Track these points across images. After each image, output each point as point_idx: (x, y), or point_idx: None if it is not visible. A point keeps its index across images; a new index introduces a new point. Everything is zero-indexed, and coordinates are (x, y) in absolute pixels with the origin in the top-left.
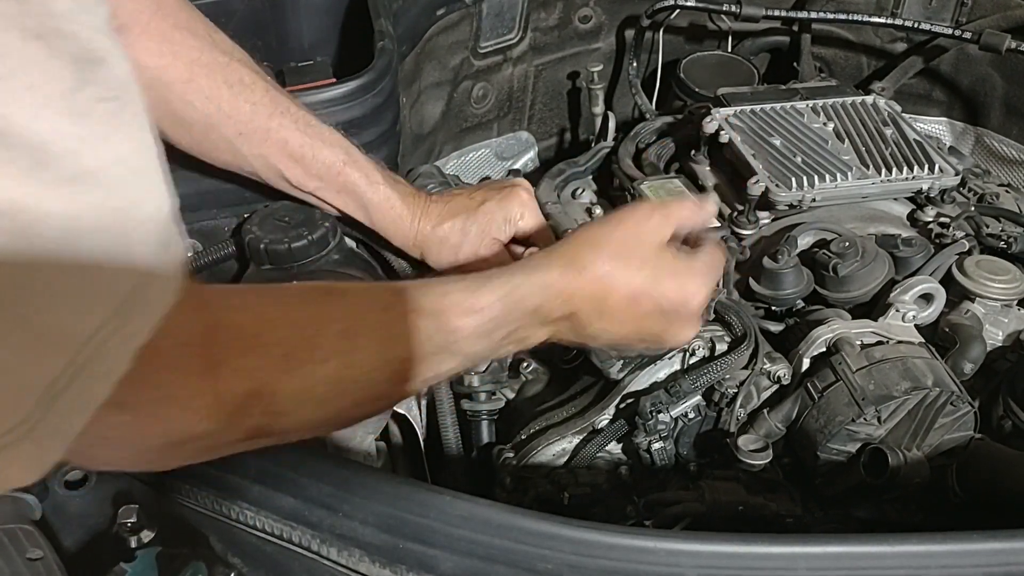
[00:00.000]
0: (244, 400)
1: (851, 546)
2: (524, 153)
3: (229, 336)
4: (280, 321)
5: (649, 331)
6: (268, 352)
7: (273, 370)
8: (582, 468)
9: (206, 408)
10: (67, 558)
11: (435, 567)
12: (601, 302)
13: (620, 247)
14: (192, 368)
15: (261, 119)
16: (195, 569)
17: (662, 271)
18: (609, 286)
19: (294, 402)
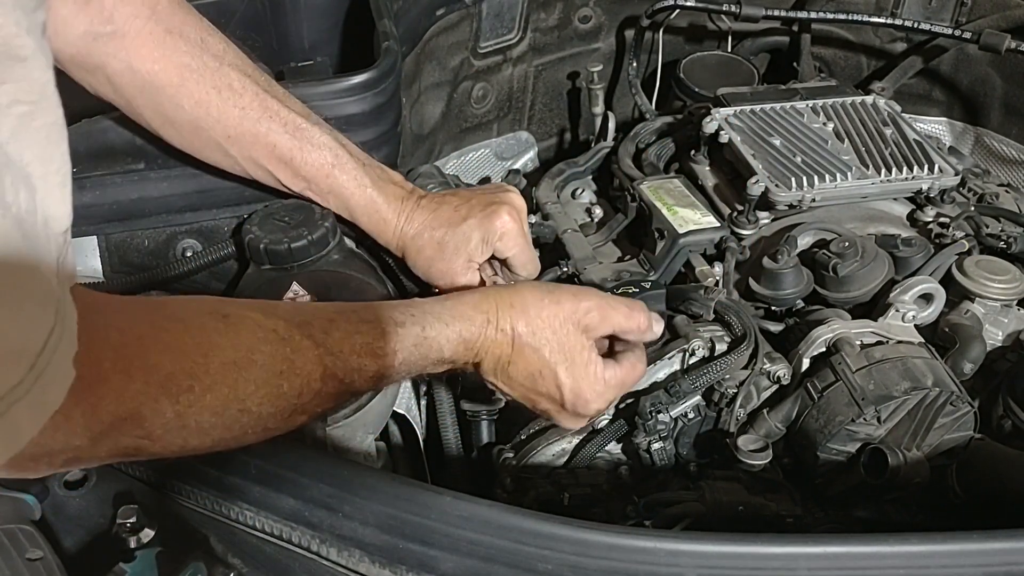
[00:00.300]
0: (118, 422)
1: (851, 546)
2: (524, 153)
3: (112, 354)
4: (167, 344)
5: (538, 404)
6: (149, 376)
7: (152, 395)
8: (582, 468)
9: (80, 425)
10: (67, 558)
11: (435, 567)
12: (505, 363)
13: (547, 325)
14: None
15: (249, 124)
16: (195, 569)
17: (573, 367)
18: (518, 354)
19: (170, 429)
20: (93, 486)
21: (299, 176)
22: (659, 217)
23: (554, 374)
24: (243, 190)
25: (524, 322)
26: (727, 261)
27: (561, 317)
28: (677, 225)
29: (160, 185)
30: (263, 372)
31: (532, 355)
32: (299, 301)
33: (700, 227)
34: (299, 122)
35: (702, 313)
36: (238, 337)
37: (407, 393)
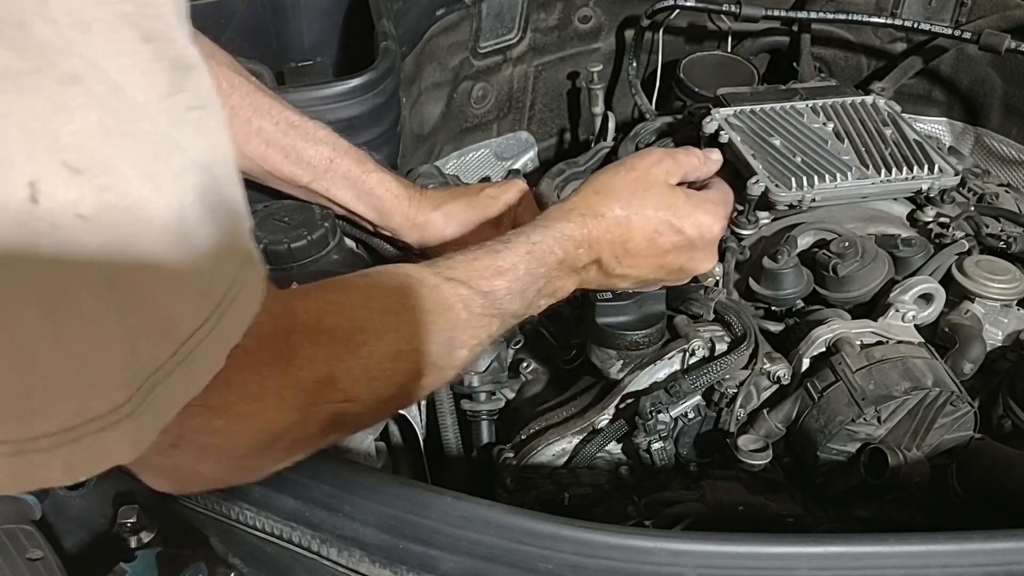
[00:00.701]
0: (320, 387)
1: (851, 546)
2: (524, 153)
3: (296, 327)
4: (333, 307)
5: (672, 265)
6: (331, 338)
7: (339, 354)
8: (582, 468)
9: (289, 400)
10: (67, 558)
11: (436, 567)
12: (623, 245)
13: (633, 191)
14: (272, 363)
15: (239, 124)
16: (195, 569)
17: (677, 207)
18: (628, 228)
19: (362, 383)
20: (93, 486)
21: (296, 173)
22: None
23: (668, 223)
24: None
25: (614, 199)
26: (727, 261)
27: (641, 178)
28: None
29: None
30: (416, 313)
31: (640, 221)
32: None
33: None
34: (293, 119)
35: (702, 313)
36: (385, 289)
37: None
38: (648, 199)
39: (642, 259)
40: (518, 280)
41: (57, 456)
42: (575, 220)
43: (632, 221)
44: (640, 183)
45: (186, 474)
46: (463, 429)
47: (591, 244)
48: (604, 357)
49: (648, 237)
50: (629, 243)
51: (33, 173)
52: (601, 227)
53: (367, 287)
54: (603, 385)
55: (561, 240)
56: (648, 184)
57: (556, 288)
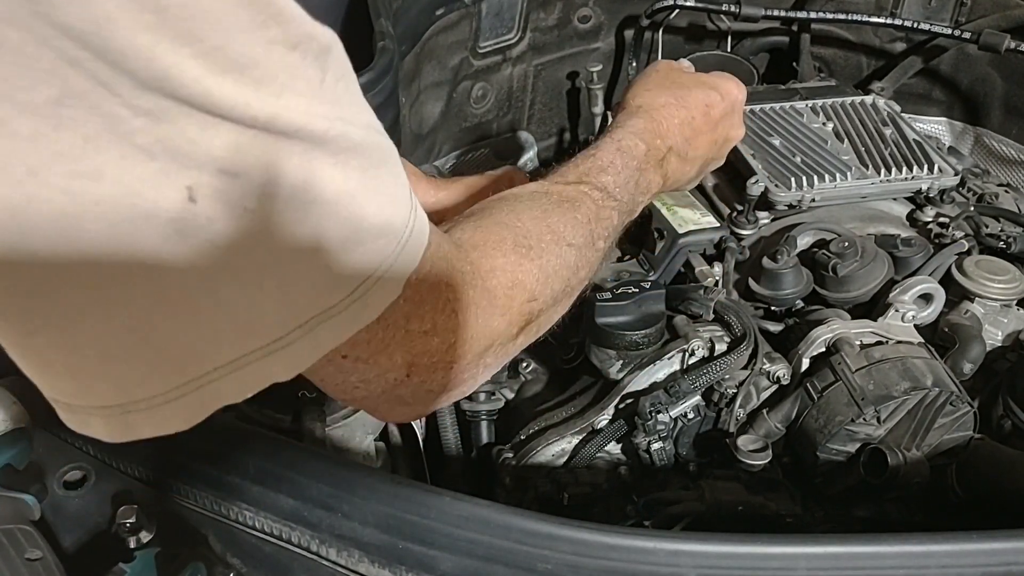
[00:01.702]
0: (510, 291)
1: (851, 546)
2: (523, 153)
3: (469, 246)
4: (490, 226)
5: (721, 136)
6: (502, 249)
7: (517, 261)
8: (582, 468)
9: (487, 307)
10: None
11: (435, 567)
12: (689, 125)
13: (668, 82)
14: (464, 281)
15: None
16: (194, 569)
17: (709, 82)
18: (687, 109)
19: (541, 282)
20: (92, 486)
21: None
22: (658, 217)
23: (712, 95)
24: None
25: (662, 92)
26: (727, 261)
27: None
28: (676, 225)
29: None
30: (556, 216)
31: (693, 100)
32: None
33: (700, 227)
34: None
35: (702, 313)
36: (520, 202)
37: None
38: (685, 83)
39: (703, 136)
40: (619, 174)
41: (229, 381)
42: (642, 116)
43: (687, 101)
44: (671, 76)
45: (421, 396)
46: (462, 429)
47: (664, 133)
48: (603, 357)
49: (703, 112)
50: (694, 122)
51: (189, 179)
52: (665, 115)
53: (508, 204)
54: (602, 385)
55: (640, 134)
56: (677, 74)
57: (648, 182)
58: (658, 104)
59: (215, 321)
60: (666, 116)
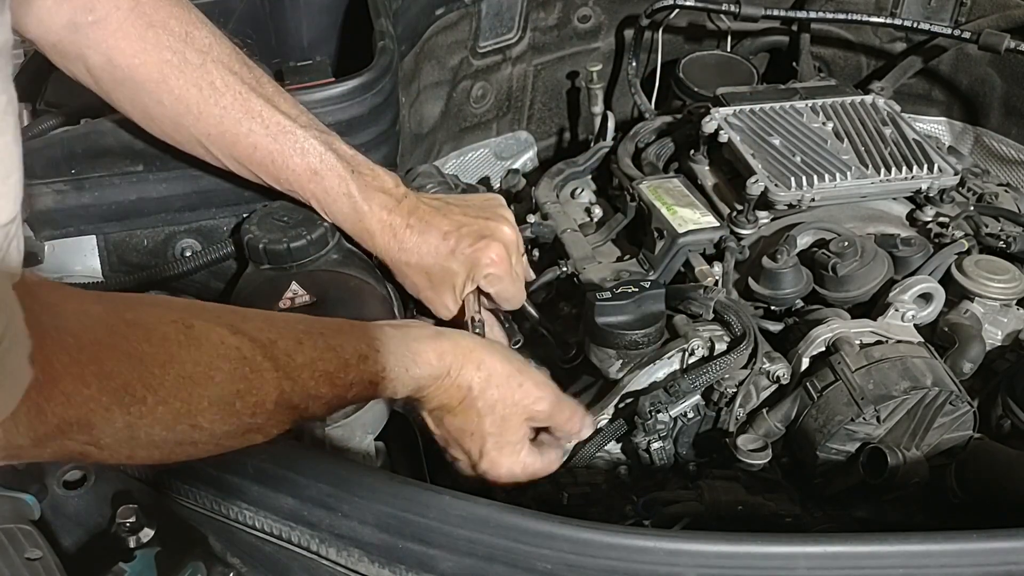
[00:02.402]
0: (66, 426)
1: (850, 546)
2: (523, 153)
3: (66, 357)
4: (125, 352)
5: (453, 455)
6: (103, 382)
7: (104, 403)
8: (581, 468)
9: (25, 425)
10: (66, 558)
11: (434, 567)
12: (445, 413)
13: (500, 400)
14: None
15: (229, 124)
16: (194, 569)
17: (503, 445)
18: (462, 412)
19: (118, 439)
20: (92, 486)
21: (280, 180)
22: (658, 217)
23: (483, 442)
24: (242, 190)
25: (481, 387)
26: (726, 261)
27: (515, 400)
28: (676, 225)
29: (159, 186)
30: (219, 390)
31: (474, 418)
32: (275, 311)
33: (699, 227)
34: (284, 124)
35: (701, 313)
36: (199, 351)
37: None
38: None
39: (444, 430)
40: (342, 398)
41: None
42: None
43: (469, 411)
44: (510, 401)
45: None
46: None
47: (430, 394)
48: (603, 356)
49: (463, 429)
50: (449, 416)
51: None
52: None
53: (177, 347)
54: (602, 384)
55: (409, 387)
56: (514, 408)
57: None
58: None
59: None
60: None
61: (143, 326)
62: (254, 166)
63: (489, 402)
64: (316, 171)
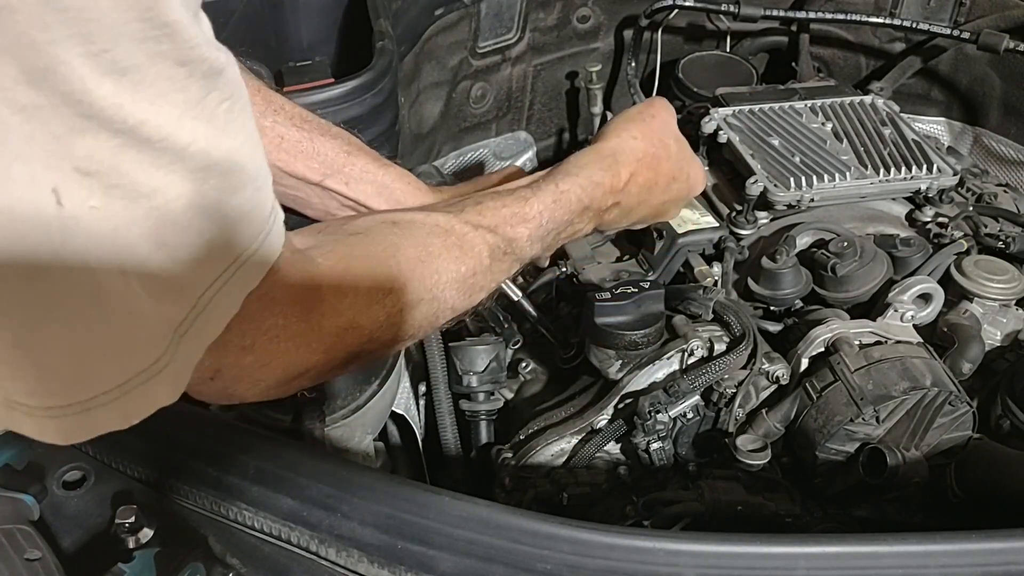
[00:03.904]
0: (343, 332)
1: (850, 546)
2: (523, 153)
3: (322, 279)
4: (361, 258)
5: (666, 209)
6: (356, 289)
7: (364, 304)
8: (581, 468)
9: (313, 344)
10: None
11: (434, 567)
12: (648, 190)
13: (656, 138)
14: (298, 312)
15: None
16: (193, 570)
17: (688, 159)
18: (656, 174)
19: (384, 327)
20: (92, 486)
21: (314, 168)
22: None
23: (684, 172)
24: None
25: (645, 145)
26: (726, 261)
27: (663, 126)
28: (676, 225)
29: None
30: (441, 261)
31: (666, 168)
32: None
33: (699, 227)
34: (305, 114)
35: (701, 313)
36: (412, 236)
37: (406, 393)
38: (671, 149)
39: (654, 201)
40: (541, 227)
41: (114, 408)
42: (608, 168)
43: (660, 167)
44: (664, 131)
45: (223, 396)
46: (462, 429)
47: (620, 190)
48: (603, 357)
49: (666, 184)
50: (654, 187)
51: (53, 181)
52: (633, 172)
53: (396, 236)
54: (602, 385)
55: (589, 188)
56: (669, 133)
57: (576, 231)
58: (632, 158)
59: (98, 340)
60: (633, 173)
61: (364, 232)
62: (283, 157)
63: (663, 152)
64: (349, 151)
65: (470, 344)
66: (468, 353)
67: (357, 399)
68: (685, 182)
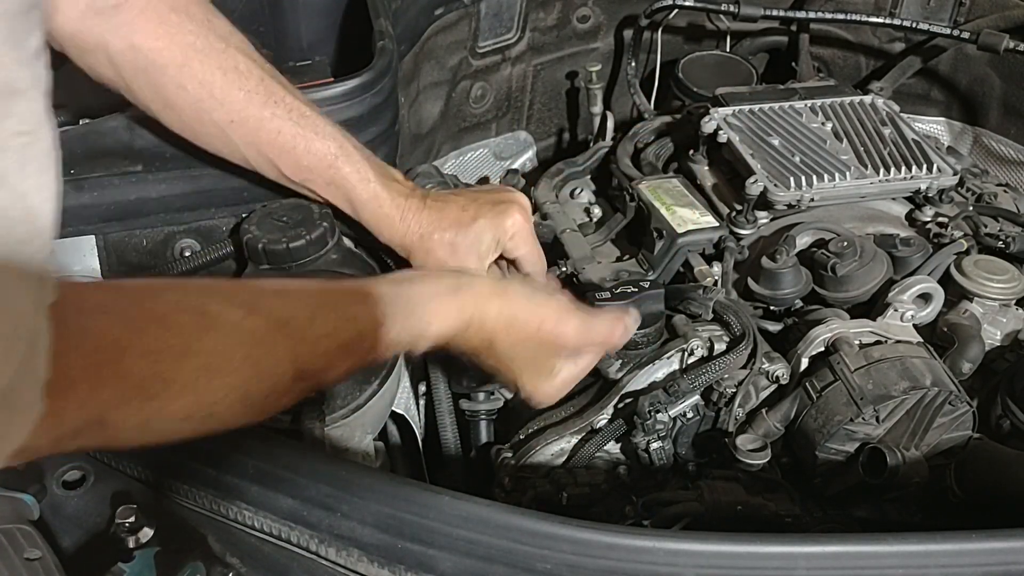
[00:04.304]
0: (83, 426)
1: (850, 545)
2: (522, 153)
3: (84, 361)
4: (143, 348)
5: None
6: (119, 382)
7: (122, 400)
8: (580, 468)
9: (45, 429)
10: (65, 558)
11: (434, 567)
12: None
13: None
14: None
15: (254, 108)
16: (193, 569)
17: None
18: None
19: (135, 432)
20: (91, 486)
21: (301, 166)
22: (658, 217)
23: (519, 375)
24: (242, 190)
25: (504, 332)
26: (726, 261)
27: (540, 339)
28: (676, 225)
29: (159, 186)
30: (234, 378)
31: (504, 359)
32: (290, 281)
33: (699, 227)
34: (304, 110)
35: (701, 313)
36: (215, 340)
37: (406, 393)
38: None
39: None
40: (361, 363)
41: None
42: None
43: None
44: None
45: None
46: (462, 429)
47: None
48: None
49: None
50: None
51: None
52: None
53: (199, 334)
54: (601, 385)
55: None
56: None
57: None
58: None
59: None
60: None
61: (161, 317)
62: (276, 152)
63: (514, 345)
64: (337, 156)
65: None
66: None
67: (357, 399)
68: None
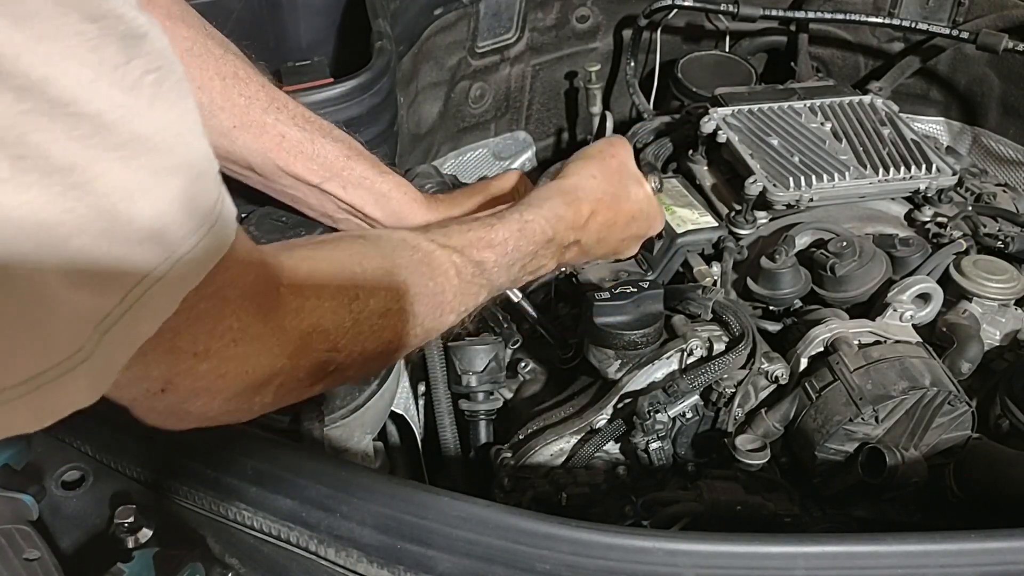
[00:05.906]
0: (307, 336)
1: (849, 545)
2: (522, 153)
3: (282, 278)
4: (327, 260)
5: (625, 247)
6: (320, 291)
7: (329, 307)
8: (580, 468)
9: (275, 348)
10: (64, 559)
11: (433, 568)
12: (608, 228)
13: (615, 178)
14: (256, 312)
15: (256, 113)
16: (192, 570)
17: (648, 199)
18: (616, 213)
19: (349, 335)
20: (90, 486)
21: (313, 169)
22: None
23: (644, 212)
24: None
25: (605, 185)
26: (725, 261)
27: (622, 167)
28: (675, 225)
29: None
30: (408, 274)
31: (626, 207)
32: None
33: (698, 227)
34: (308, 114)
35: (700, 313)
36: (379, 247)
37: (405, 393)
38: (630, 189)
39: (613, 239)
40: (507, 255)
41: (23, 405)
42: (571, 203)
43: (620, 206)
44: (623, 171)
45: (177, 414)
46: (461, 429)
47: (580, 227)
48: (602, 357)
49: (626, 222)
50: (613, 226)
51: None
52: (592, 211)
53: (362, 245)
54: (601, 385)
55: (553, 220)
56: (628, 173)
57: (539, 266)
58: (592, 197)
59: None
60: (593, 211)
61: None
62: (283, 156)
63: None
64: (349, 155)
65: (469, 344)
66: (467, 353)
67: (356, 399)
68: (644, 220)
